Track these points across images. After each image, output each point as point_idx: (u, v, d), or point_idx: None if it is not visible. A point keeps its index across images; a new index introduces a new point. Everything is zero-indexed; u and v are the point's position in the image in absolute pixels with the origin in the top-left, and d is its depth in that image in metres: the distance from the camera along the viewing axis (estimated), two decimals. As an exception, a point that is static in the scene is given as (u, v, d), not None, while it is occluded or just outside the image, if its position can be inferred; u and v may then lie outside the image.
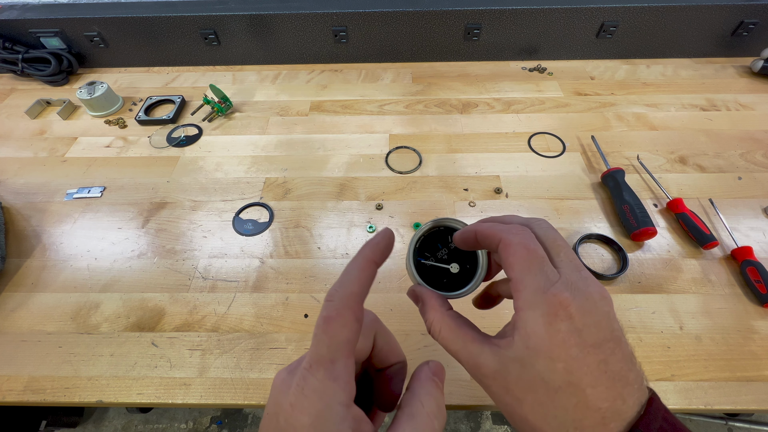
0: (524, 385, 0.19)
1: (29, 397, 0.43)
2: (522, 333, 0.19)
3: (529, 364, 0.18)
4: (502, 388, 0.19)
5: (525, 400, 0.19)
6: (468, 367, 0.21)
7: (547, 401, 0.18)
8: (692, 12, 0.75)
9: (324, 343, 0.18)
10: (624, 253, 0.51)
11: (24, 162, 0.68)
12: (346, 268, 0.20)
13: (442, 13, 0.76)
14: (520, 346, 0.19)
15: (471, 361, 0.21)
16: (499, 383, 0.20)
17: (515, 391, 0.19)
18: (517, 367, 0.19)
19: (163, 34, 0.81)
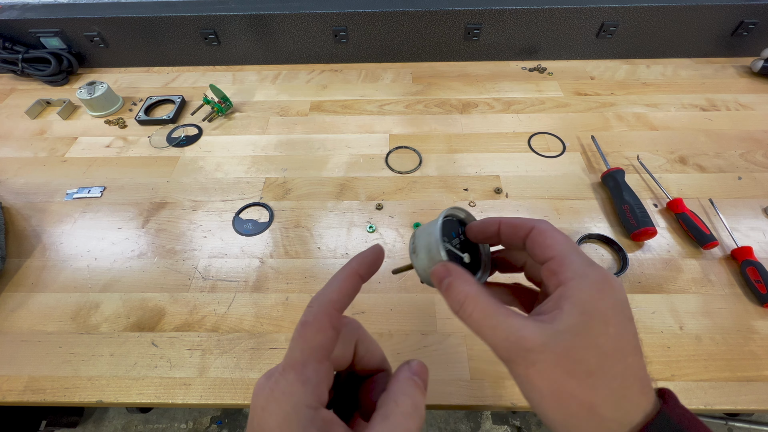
0: (576, 354, 0.18)
1: (29, 397, 0.43)
2: (574, 300, 0.19)
3: (584, 331, 0.18)
4: (551, 363, 0.18)
5: (575, 371, 0.18)
6: (506, 343, 0.19)
7: (598, 369, 0.18)
8: (692, 12, 0.75)
9: (298, 347, 0.18)
10: (624, 253, 0.51)
11: (24, 162, 0.68)
12: (331, 277, 0.21)
13: (442, 13, 0.76)
14: (573, 313, 0.19)
15: (513, 335, 0.19)
16: (548, 356, 0.18)
17: (565, 362, 0.18)
18: (569, 337, 0.18)
19: (163, 34, 0.81)
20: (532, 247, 0.22)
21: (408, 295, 0.50)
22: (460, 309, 0.21)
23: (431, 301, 0.49)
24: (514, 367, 0.19)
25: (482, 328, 0.20)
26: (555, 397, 0.18)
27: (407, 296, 0.49)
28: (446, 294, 0.21)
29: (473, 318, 0.20)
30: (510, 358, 0.19)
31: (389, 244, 0.55)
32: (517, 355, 0.19)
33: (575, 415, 0.18)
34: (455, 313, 0.21)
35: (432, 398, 0.42)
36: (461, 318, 0.21)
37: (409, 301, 0.49)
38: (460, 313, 0.21)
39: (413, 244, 0.24)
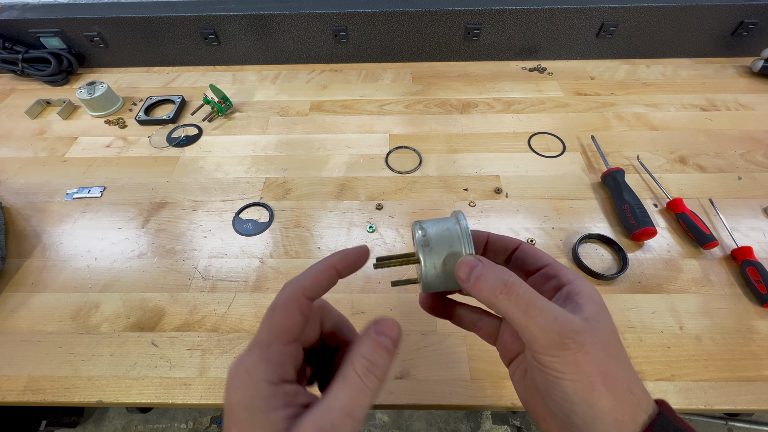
0: (605, 338, 0.20)
1: (29, 397, 0.43)
2: (585, 295, 0.21)
3: (603, 319, 0.20)
4: (595, 345, 0.19)
5: (610, 354, 0.20)
6: (556, 324, 0.19)
7: (621, 352, 0.20)
8: (692, 12, 0.75)
9: (265, 328, 0.20)
10: (624, 253, 0.51)
11: (24, 162, 0.68)
12: (310, 266, 0.21)
13: (442, 13, 0.76)
14: (590, 305, 0.21)
15: (561, 317, 0.19)
16: (593, 338, 0.19)
17: (603, 345, 0.20)
18: (595, 324, 0.20)
19: (163, 34, 0.81)
20: (524, 258, 0.25)
21: (408, 295, 0.50)
22: (504, 290, 0.20)
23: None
24: (563, 352, 0.19)
25: (530, 309, 0.20)
26: (604, 379, 0.19)
27: (407, 296, 0.49)
28: (480, 279, 0.21)
29: (520, 298, 0.20)
30: (561, 342, 0.19)
31: (389, 243, 0.55)
32: (567, 337, 0.19)
33: (619, 397, 0.19)
34: (492, 297, 0.21)
35: (432, 398, 0.42)
36: (500, 302, 0.20)
37: (409, 301, 0.49)
38: (502, 294, 0.20)
39: (424, 237, 0.24)
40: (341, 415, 0.17)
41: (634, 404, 0.19)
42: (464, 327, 0.28)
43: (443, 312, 0.28)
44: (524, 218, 0.57)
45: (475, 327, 0.28)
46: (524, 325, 0.20)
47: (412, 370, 0.43)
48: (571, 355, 0.19)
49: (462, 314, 0.28)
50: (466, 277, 0.22)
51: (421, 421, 1.10)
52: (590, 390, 0.19)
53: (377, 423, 1.11)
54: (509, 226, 0.56)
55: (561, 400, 0.20)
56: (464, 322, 0.28)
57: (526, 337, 0.20)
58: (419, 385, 0.43)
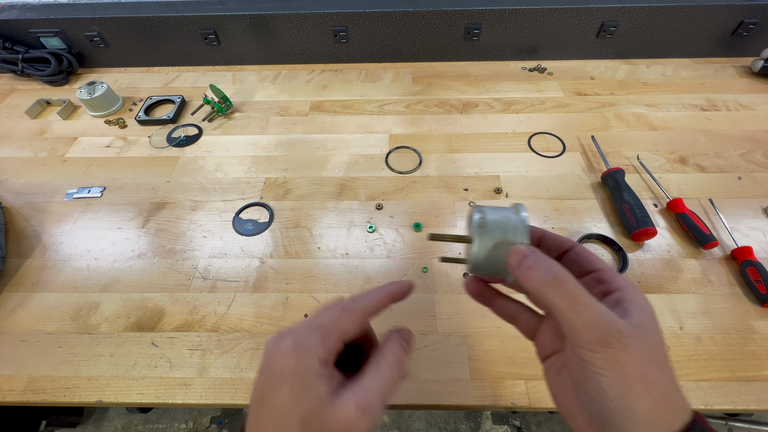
0: (651, 345, 0.20)
1: (29, 397, 0.43)
2: (635, 303, 0.21)
3: (651, 328, 0.21)
4: (638, 348, 0.20)
5: (653, 360, 0.20)
6: (602, 323, 0.20)
7: (665, 362, 0.21)
8: (692, 12, 0.75)
9: (331, 320, 0.23)
10: (624, 253, 0.51)
11: (24, 162, 0.68)
12: (374, 289, 0.25)
13: (442, 13, 0.76)
14: (639, 313, 0.21)
15: (608, 316, 0.20)
16: (637, 342, 0.20)
17: (646, 351, 0.20)
18: (642, 331, 0.20)
19: (163, 34, 0.81)
20: (577, 259, 0.25)
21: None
22: (554, 282, 0.21)
23: (431, 301, 0.49)
24: (605, 349, 0.19)
25: (577, 304, 0.20)
26: (643, 382, 0.19)
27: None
28: (531, 269, 0.22)
29: (568, 292, 0.21)
30: (604, 339, 0.19)
31: (389, 243, 0.55)
32: (611, 336, 0.19)
33: (657, 401, 0.19)
34: (541, 288, 0.21)
35: (432, 398, 0.42)
36: (548, 293, 0.21)
37: (409, 301, 0.49)
38: (551, 286, 0.21)
39: (482, 220, 0.24)
40: (375, 395, 0.21)
41: (670, 411, 0.20)
42: (504, 318, 0.29)
43: (486, 299, 0.29)
44: (524, 218, 0.57)
45: (515, 320, 0.28)
46: (569, 318, 0.20)
47: (412, 370, 0.43)
48: (613, 353, 0.19)
49: (504, 305, 0.28)
50: (516, 264, 0.23)
51: (421, 421, 1.10)
52: (628, 389, 0.19)
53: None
54: (509, 226, 0.56)
55: (597, 396, 0.20)
56: (505, 313, 0.28)
57: (569, 330, 0.21)
58: (419, 385, 0.43)
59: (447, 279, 0.51)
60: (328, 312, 0.24)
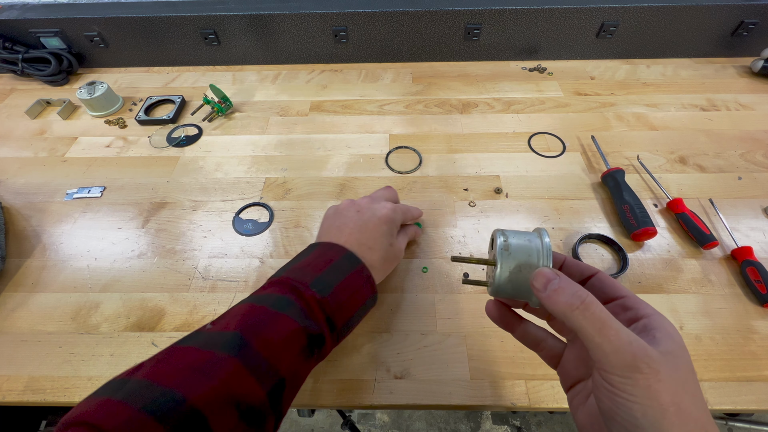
0: (682, 375, 0.20)
1: (29, 397, 0.43)
2: (664, 331, 0.21)
3: (681, 356, 0.20)
4: (670, 376, 0.19)
5: (687, 389, 0.19)
6: (631, 347, 0.19)
7: (698, 391, 0.20)
8: (692, 12, 0.75)
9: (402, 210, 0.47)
10: (624, 253, 0.51)
11: (24, 162, 0.68)
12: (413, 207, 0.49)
13: (442, 13, 0.76)
14: (668, 341, 0.20)
15: (636, 342, 0.20)
16: (668, 369, 0.19)
17: (679, 379, 0.19)
18: (672, 359, 0.20)
19: (163, 34, 0.81)
20: (600, 286, 0.25)
21: (408, 295, 0.50)
22: (581, 306, 0.21)
23: (431, 301, 0.49)
24: (636, 375, 0.19)
25: (605, 329, 0.20)
26: (677, 410, 0.19)
27: (407, 296, 0.49)
28: (557, 292, 0.22)
29: (596, 316, 0.20)
30: (634, 364, 0.19)
31: (389, 244, 0.55)
32: (642, 361, 0.19)
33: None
34: (568, 311, 0.21)
35: (432, 398, 0.42)
36: (576, 317, 0.21)
37: (409, 301, 0.49)
38: (578, 310, 0.21)
39: (505, 243, 0.25)
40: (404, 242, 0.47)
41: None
42: (527, 344, 0.29)
43: (508, 324, 0.29)
44: (524, 218, 0.57)
45: (538, 346, 0.28)
46: (597, 343, 0.20)
47: (412, 370, 0.43)
48: (643, 378, 0.19)
49: (528, 330, 0.28)
50: (542, 287, 0.22)
51: (421, 421, 1.10)
52: (662, 418, 0.18)
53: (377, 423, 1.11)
54: (509, 227, 0.56)
55: (628, 425, 0.19)
56: (528, 338, 0.28)
57: (597, 355, 0.20)
58: (419, 385, 0.43)
59: (447, 279, 0.51)
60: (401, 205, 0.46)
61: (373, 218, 0.42)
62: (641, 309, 0.22)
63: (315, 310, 0.33)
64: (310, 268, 0.36)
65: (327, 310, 0.34)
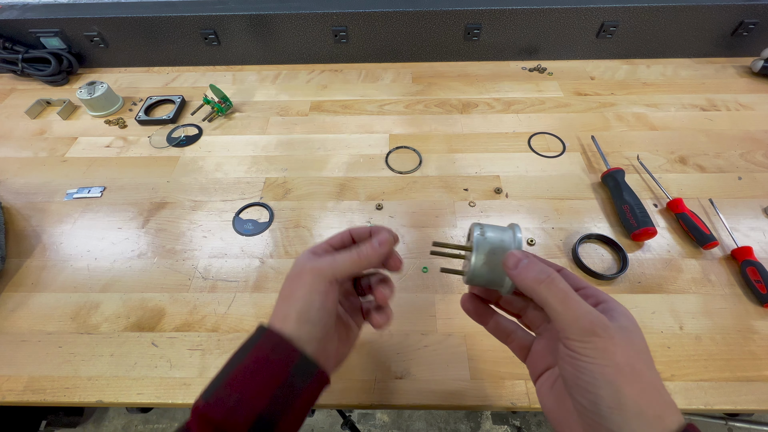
0: (637, 344, 0.22)
1: (29, 397, 0.43)
2: (620, 312, 0.23)
3: (634, 332, 0.22)
4: (625, 341, 0.21)
5: (640, 355, 0.21)
6: (590, 316, 0.22)
7: (651, 362, 0.22)
8: (692, 12, 0.75)
9: (344, 265, 0.28)
10: (624, 253, 0.51)
11: (24, 162, 0.68)
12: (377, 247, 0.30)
13: (442, 13, 0.76)
14: (624, 319, 0.23)
15: (591, 315, 0.22)
16: (623, 335, 0.21)
17: (633, 346, 0.21)
18: (627, 332, 0.22)
19: (163, 34, 0.81)
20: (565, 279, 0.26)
21: (408, 295, 0.50)
22: (546, 280, 0.23)
23: (431, 301, 0.49)
24: (594, 338, 0.21)
25: (567, 300, 0.22)
26: (631, 369, 0.21)
27: (407, 296, 0.49)
28: (526, 269, 0.24)
29: (560, 289, 0.23)
30: (592, 329, 0.21)
31: (389, 244, 0.55)
32: (598, 327, 0.21)
33: (646, 390, 0.20)
34: (535, 285, 0.23)
35: (432, 398, 0.42)
36: (542, 290, 0.23)
37: (409, 301, 0.49)
38: (544, 284, 0.23)
39: (481, 233, 0.27)
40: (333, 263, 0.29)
41: (661, 405, 0.20)
42: (498, 336, 0.30)
43: (481, 316, 0.31)
44: (524, 218, 0.57)
45: (508, 338, 0.30)
46: (560, 312, 0.22)
47: (412, 370, 0.43)
48: (601, 341, 0.21)
49: (499, 322, 0.30)
50: (513, 266, 0.25)
51: (421, 421, 1.10)
52: (617, 375, 0.20)
53: (377, 423, 1.11)
54: (509, 226, 0.56)
55: (588, 386, 0.21)
56: (500, 330, 0.30)
57: (560, 324, 0.22)
58: (419, 385, 0.43)
59: (447, 279, 0.51)
60: (343, 255, 0.29)
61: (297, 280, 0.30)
62: (600, 296, 0.25)
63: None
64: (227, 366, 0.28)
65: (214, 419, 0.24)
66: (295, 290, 0.29)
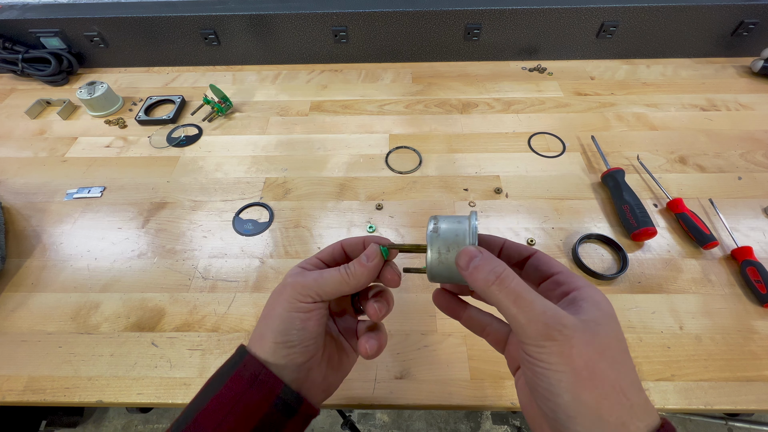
0: (603, 340, 0.20)
1: (29, 397, 0.43)
2: (590, 300, 0.21)
3: (604, 324, 0.20)
4: (585, 342, 0.19)
5: (604, 355, 0.20)
6: (544, 317, 0.20)
7: (620, 358, 0.20)
8: (692, 12, 0.75)
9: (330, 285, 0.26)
10: (624, 253, 0.51)
11: (24, 162, 0.68)
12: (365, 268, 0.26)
13: (442, 13, 0.76)
14: (593, 310, 0.21)
15: (550, 311, 0.20)
16: (582, 335, 0.19)
17: (596, 345, 0.20)
18: (593, 326, 0.20)
19: (163, 34, 0.81)
20: (537, 265, 0.25)
21: (408, 295, 0.50)
22: (497, 281, 0.21)
23: (431, 301, 0.49)
24: (549, 343, 0.19)
25: (520, 301, 0.20)
26: (589, 373, 0.19)
27: (407, 296, 0.49)
28: (477, 269, 0.22)
29: (511, 289, 0.21)
30: (546, 333, 0.20)
31: (389, 244, 0.55)
32: (554, 330, 0.19)
33: (608, 395, 0.19)
34: (485, 287, 0.22)
35: (432, 398, 0.42)
36: (493, 292, 0.21)
37: (409, 301, 0.49)
38: (495, 285, 0.21)
39: (435, 227, 0.26)
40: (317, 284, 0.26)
41: (625, 408, 0.19)
42: (474, 330, 0.29)
43: (454, 311, 0.29)
44: (524, 218, 0.57)
45: (484, 331, 0.28)
46: (513, 315, 0.21)
47: (412, 370, 0.43)
48: (556, 346, 0.19)
49: (473, 315, 0.29)
50: (464, 266, 0.23)
51: (421, 421, 1.10)
52: (575, 382, 0.19)
53: (377, 423, 1.11)
54: (509, 226, 0.56)
55: (547, 393, 0.20)
56: (474, 324, 0.29)
57: (515, 327, 0.21)
58: (419, 385, 0.43)
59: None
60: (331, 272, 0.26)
61: None
62: (573, 283, 0.23)
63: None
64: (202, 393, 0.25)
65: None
66: (274, 307, 0.26)
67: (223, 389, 0.24)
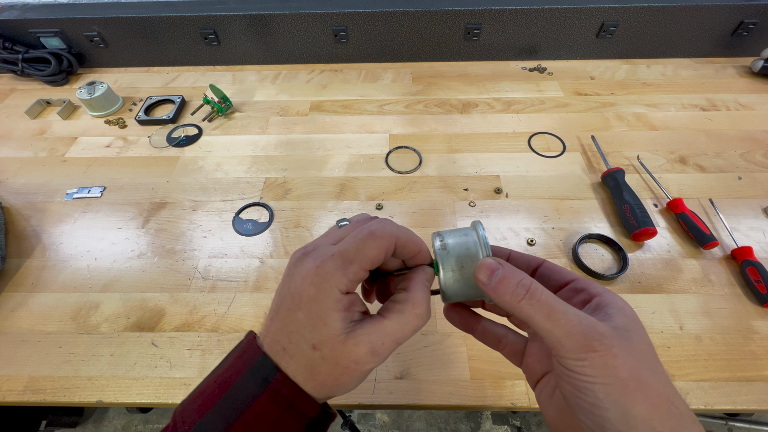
0: (638, 348, 0.19)
1: (29, 397, 0.43)
2: (616, 307, 0.21)
3: (635, 330, 0.20)
4: (625, 350, 0.19)
5: (644, 363, 0.19)
6: (581, 328, 0.19)
7: (657, 364, 0.19)
8: (692, 12, 0.75)
9: (355, 247, 0.21)
10: (624, 253, 0.51)
11: (24, 162, 0.68)
12: (404, 226, 0.24)
13: (442, 13, 0.76)
14: (620, 316, 0.20)
15: (586, 320, 0.19)
16: (622, 344, 0.19)
17: (634, 353, 0.19)
18: (625, 333, 0.19)
19: (163, 34, 0.81)
20: (549, 275, 0.25)
21: (408, 295, 0.50)
22: (527, 295, 0.20)
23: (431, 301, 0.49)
24: (590, 354, 0.18)
25: (554, 313, 0.19)
26: (638, 384, 0.18)
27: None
28: (502, 283, 0.21)
29: (543, 302, 0.20)
30: (587, 344, 0.18)
31: (389, 244, 0.55)
32: (594, 340, 0.18)
33: (658, 406, 0.18)
34: (514, 302, 0.20)
35: (432, 398, 0.42)
36: (522, 307, 0.20)
37: (409, 301, 0.49)
38: (525, 299, 0.20)
39: (442, 243, 0.24)
40: (391, 341, 0.21)
41: (676, 417, 0.18)
42: (488, 344, 0.28)
43: (467, 325, 0.28)
44: (524, 218, 0.57)
45: (499, 344, 0.27)
46: (548, 330, 0.19)
47: (412, 370, 0.43)
48: (599, 357, 0.18)
49: (487, 328, 0.27)
50: (486, 280, 0.22)
51: (421, 421, 1.10)
52: (623, 394, 0.18)
53: (377, 423, 1.11)
54: (509, 227, 0.56)
55: (592, 408, 0.19)
56: (488, 337, 0.27)
57: (551, 342, 0.20)
58: (419, 385, 0.43)
59: (447, 279, 0.51)
60: (354, 236, 0.22)
61: (290, 291, 0.22)
62: (592, 289, 0.22)
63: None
64: (202, 399, 0.23)
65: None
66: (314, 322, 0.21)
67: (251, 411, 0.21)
